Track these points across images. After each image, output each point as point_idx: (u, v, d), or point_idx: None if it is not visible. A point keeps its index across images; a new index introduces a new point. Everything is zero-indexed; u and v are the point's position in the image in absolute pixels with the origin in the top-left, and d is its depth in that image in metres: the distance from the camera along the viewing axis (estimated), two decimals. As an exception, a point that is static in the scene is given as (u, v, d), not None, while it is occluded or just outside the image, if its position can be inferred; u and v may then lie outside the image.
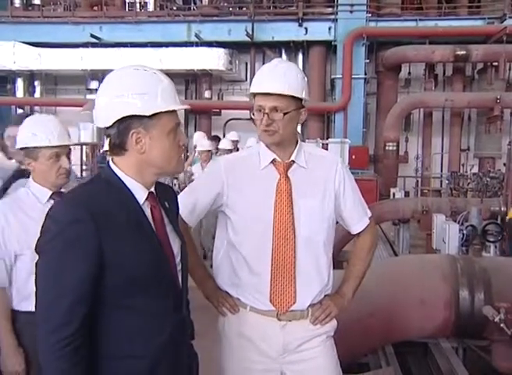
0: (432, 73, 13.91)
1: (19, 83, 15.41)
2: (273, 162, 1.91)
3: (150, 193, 1.50)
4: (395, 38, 13.55)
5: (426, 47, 13.29)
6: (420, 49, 13.26)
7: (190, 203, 1.94)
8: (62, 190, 2.27)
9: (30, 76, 15.46)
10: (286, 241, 1.86)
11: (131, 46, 14.11)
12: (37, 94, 15.62)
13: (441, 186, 13.07)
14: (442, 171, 13.75)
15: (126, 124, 1.41)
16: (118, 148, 1.45)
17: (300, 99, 1.88)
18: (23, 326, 2.15)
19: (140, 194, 1.48)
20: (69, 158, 2.26)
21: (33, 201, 2.18)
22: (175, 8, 14.88)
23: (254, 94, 1.88)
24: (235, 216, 1.91)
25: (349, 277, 2.06)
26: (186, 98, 15.24)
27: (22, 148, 2.22)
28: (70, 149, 2.31)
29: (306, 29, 13.93)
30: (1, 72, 14.90)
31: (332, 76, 14.11)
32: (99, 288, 1.36)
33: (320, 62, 14.28)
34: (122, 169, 1.47)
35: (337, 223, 2.02)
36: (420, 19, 13.78)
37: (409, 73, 14.29)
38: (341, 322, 2.05)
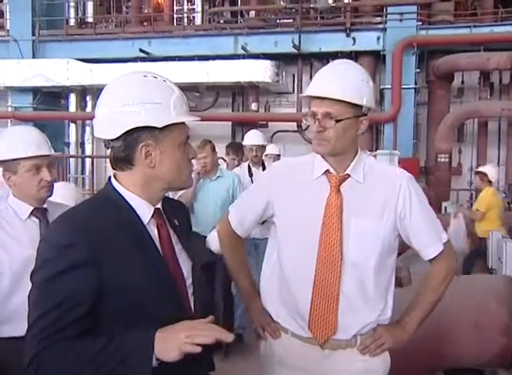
0: (487, 81, 13.33)
1: (72, 99, 15.88)
2: (326, 173, 1.72)
3: (156, 210, 1.37)
4: (447, 46, 13.08)
5: (481, 54, 12.68)
6: (474, 57, 12.66)
7: (239, 213, 1.82)
8: (45, 206, 2.14)
9: (83, 92, 15.90)
10: (331, 263, 1.64)
11: (179, 60, 14.25)
12: (89, 109, 16.00)
13: (497, 199, 12.46)
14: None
15: (134, 136, 1.29)
16: (123, 162, 1.32)
17: (361, 106, 1.67)
18: (3, 356, 1.91)
19: (145, 211, 1.34)
20: (50, 171, 2.10)
21: (12, 218, 2.05)
22: (222, 21, 14.99)
23: (311, 99, 1.70)
24: (280, 230, 1.75)
25: (414, 307, 1.81)
26: (232, 111, 15.30)
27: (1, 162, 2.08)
28: (53, 161, 2.19)
29: (354, 39, 13.66)
30: (55, 88, 15.38)
31: (381, 87, 13.73)
32: (98, 315, 1.22)
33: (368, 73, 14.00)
34: (126, 185, 1.34)
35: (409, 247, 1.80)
36: (474, 26, 13.21)
37: (462, 81, 13.75)
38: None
